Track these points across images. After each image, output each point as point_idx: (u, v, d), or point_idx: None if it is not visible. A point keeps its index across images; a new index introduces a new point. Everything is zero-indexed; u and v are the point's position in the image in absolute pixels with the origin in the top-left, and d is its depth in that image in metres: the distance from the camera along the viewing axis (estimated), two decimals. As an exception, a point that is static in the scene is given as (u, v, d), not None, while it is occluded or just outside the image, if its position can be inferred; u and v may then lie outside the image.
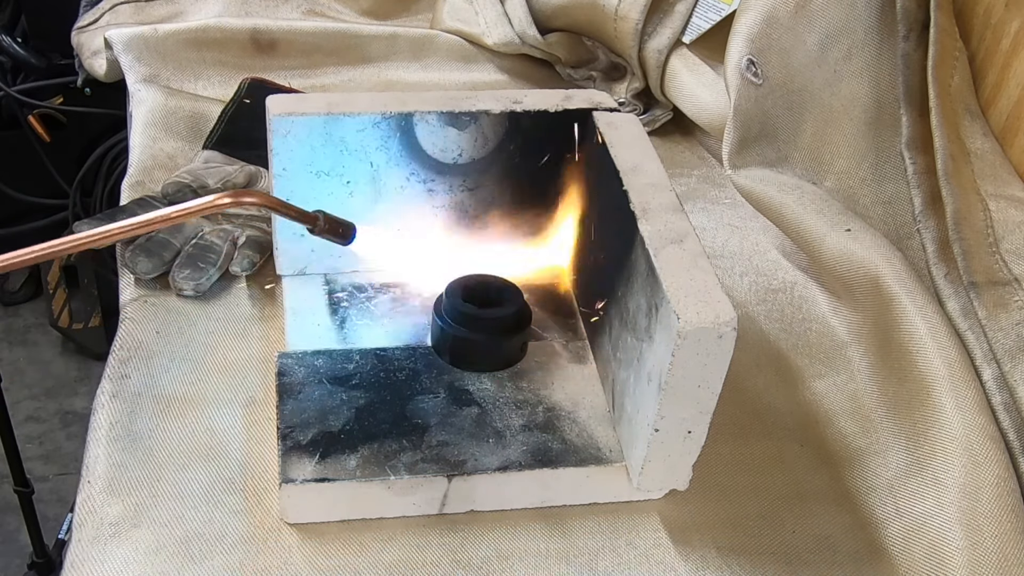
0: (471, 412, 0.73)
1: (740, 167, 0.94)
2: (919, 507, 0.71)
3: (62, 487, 1.76)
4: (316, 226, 0.75)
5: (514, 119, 0.80)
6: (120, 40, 1.14)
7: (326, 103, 0.79)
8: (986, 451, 0.70)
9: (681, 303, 0.61)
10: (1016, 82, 0.88)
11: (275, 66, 1.16)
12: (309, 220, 0.75)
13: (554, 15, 1.18)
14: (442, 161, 0.81)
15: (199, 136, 1.02)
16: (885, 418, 0.78)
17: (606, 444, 0.71)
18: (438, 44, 1.23)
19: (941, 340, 0.76)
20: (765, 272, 0.94)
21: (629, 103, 1.16)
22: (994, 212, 0.84)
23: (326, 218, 0.76)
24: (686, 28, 1.09)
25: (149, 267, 0.84)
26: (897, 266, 0.82)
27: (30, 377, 1.97)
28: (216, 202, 0.69)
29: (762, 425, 0.80)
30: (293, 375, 0.74)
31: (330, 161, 0.79)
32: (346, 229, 0.78)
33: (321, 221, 0.76)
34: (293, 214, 0.74)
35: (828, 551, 0.71)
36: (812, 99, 0.93)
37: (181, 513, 0.68)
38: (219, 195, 0.70)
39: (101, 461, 0.70)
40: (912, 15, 0.88)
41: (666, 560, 0.69)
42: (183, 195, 0.89)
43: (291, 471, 0.67)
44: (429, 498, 0.69)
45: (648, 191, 0.71)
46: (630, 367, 0.68)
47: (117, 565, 0.64)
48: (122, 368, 0.77)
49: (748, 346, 0.85)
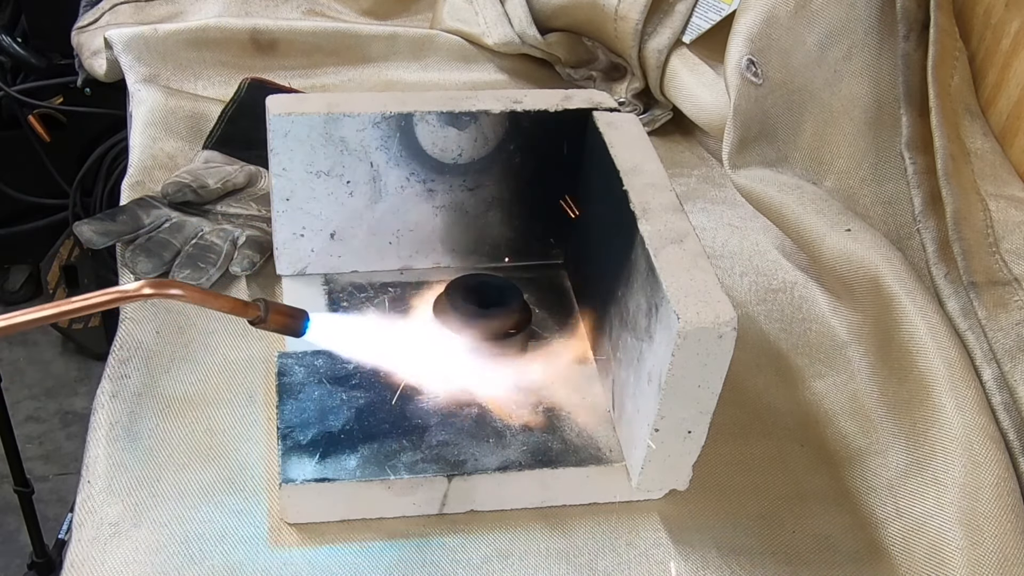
0: (471, 412, 0.73)
1: (740, 167, 0.94)
2: (919, 507, 0.71)
3: (62, 487, 1.76)
4: (256, 318, 0.64)
5: (514, 119, 0.80)
6: (120, 40, 1.14)
7: (326, 103, 0.78)
8: (986, 451, 0.70)
9: (681, 303, 0.61)
10: (1016, 82, 0.88)
11: (275, 66, 1.16)
12: (249, 312, 0.64)
13: (554, 15, 1.18)
14: (442, 161, 0.81)
15: (199, 136, 1.02)
16: (885, 418, 0.78)
17: (606, 444, 0.71)
18: (438, 44, 1.23)
19: (941, 340, 0.76)
20: (765, 272, 0.94)
21: (629, 103, 1.16)
22: (994, 212, 0.84)
23: (269, 306, 0.65)
24: (686, 28, 1.09)
25: (149, 267, 0.84)
26: (897, 266, 0.82)
27: (30, 377, 1.97)
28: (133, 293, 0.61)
29: (762, 425, 0.79)
30: (293, 375, 0.74)
31: (330, 161, 0.79)
32: (296, 320, 0.66)
33: (263, 311, 0.64)
34: (226, 307, 0.64)
35: (828, 551, 0.71)
36: (812, 99, 0.92)
37: (181, 513, 0.68)
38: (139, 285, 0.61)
39: (101, 461, 0.70)
40: (912, 15, 0.88)
41: (666, 560, 0.69)
42: (183, 195, 0.89)
43: (291, 471, 0.67)
44: (429, 498, 0.69)
45: (648, 191, 0.71)
46: (630, 367, 0.68)
47: (117, 565, 0.64)
48: (122, 368, 0.77)
49: (748, 346, 0.85)
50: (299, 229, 0.82)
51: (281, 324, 0.65)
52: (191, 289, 0.63)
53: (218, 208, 0.91)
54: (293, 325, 0.66)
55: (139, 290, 0.60)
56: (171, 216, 0.88)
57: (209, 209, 0.91)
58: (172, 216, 0.88)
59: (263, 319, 0.64)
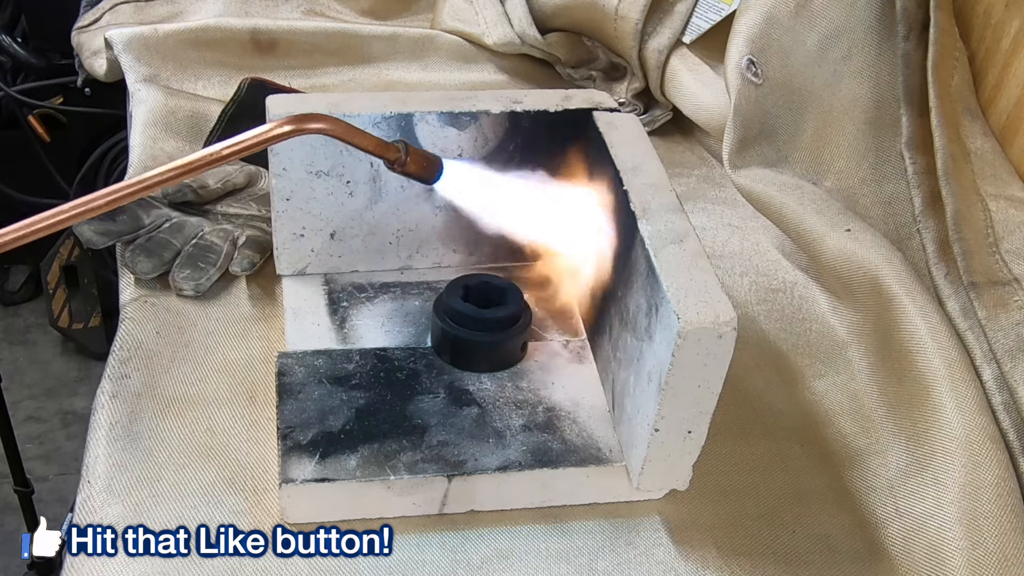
0: (471, 412, 0.73)
1: (740, 167, 0.94)
2: (919, 507, 0.71)
3: (62, 487, 1.76)
4: (396, 160, 0.64)
5: (514, 119, 0.80)
6: (120, 40, 1.14)
7: (326, 103, 0.79)
8: (986, 451, 0.70)
9: (681, 303, 0.61)
10: (1016, 82, 0.88)
11: (275, 66, 1.16)
12: (389, 152, 0.64)
13: (554, 15, 1.18)
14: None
15: (199, 136, 1.02)
16: (885, 418, 0.78)
17: (606, 444, 0.71)
18: (438, 44, 1.23)
19: (941, 340, 0.76)
20: (765, 272, 0.94)
21: (629, 103, 1.16)
22: (994, 212, 0.84)
23: (409, 149, 0.64)
24: (686, 28, 1.09)
25: (149, 267, 0.84)
26: (897, 266, 0.82)
27: (30, 377, 1.97)
28: (274, 131, 0.61)
29: (762, 425, 0.79)
30: (293, 375, 0.74)
31: (330, 161, 0.79)
32: (432, 165, 0.65)
33: (403, 153, 0.64)
34: (368, 145, 0.63)
35: (828, 551, 0.71)
36: (812, 99, 0.93)
37: (181, 513, 0.68)
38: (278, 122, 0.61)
39: (101, 461, 0.70)
40: (912, 15, 0.88)
41: (666, 560, 0.69)
42: (183, 195, 0.89)
43: (291, 471, 0.67)
44: (429, 498, 0.69)
45: (648, 191, 0.71)
46: (630, 367, 0.68)
47: (117, 566, 0.64)
48: (122, 368, 0.77)
49: (748, 346, 0.85)
50: (299, 229, 0.82)
51: (418, 168, 0.65)
52: (335, 121, 0.62)
53: (218, 208, 0.91)
54: (429, 169, 0.65)
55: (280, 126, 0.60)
56: (171, 216, 0.88)
57: (209, 209, 0.91)
58: (172, 216, 0.88)
59: (403, 161, 0.64)
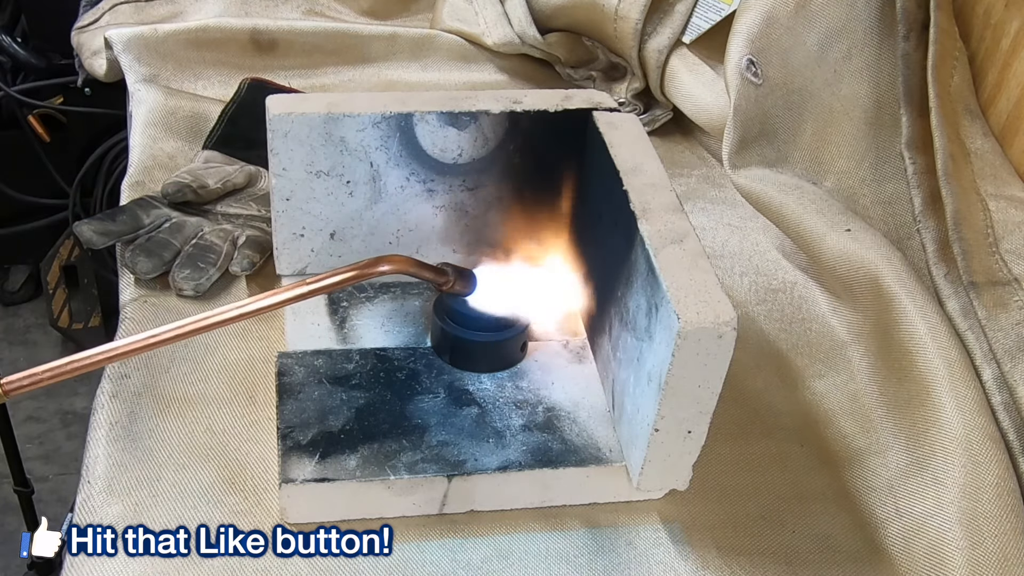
0: (471, 412, 0.73)
1: (740, 167, 0.94)
2: (919, 507, 0.71)
3: (62, 487, 1.76)
4: (444, 283, 0.73)
5: (514, 119, 0.80)
6: (120, 40, 1.14)
7: (326, 103, 0.78)
8: (986, 451, 0.70)
9: (681, 303, 0.61)
10: (1016, 82, 0.88)
11: (275, 66, 1.16)
12: (441, 277, 0.73)
13: (554, 15, 1.18)
14: (442, 161, 0.81)
15: (199, 136, 1.02)
16: (885, 418, 0.78)
17: (606, 444, 0.71)
18: (438, 44, 1.23)
19: (941, 340, 0.76)
20: (765, 272, 0.94)
21: (629, 103, 1.16)
22: (994, 212, 0.84)
23: (453, 270, 0.74)
24: (686, 28, 1.09)
25: (149, 267, 0.84)
26: (897, 266, 0.82)
27: (30, 377, 1.97)
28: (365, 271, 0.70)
29: (762, 425, 0.80)
30: (293, 375, 0.74)
31: (330, 161, 0.79)
32: (470, 281, 0.75)
33: (451, 276, 0.73)
34: (429, 276, 0.73)
35: (828, 551, 0.71)
36: (812, 99, 0.93)
37: (181, 513, 0.68)
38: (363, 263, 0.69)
39: (101, 461, 0.70)
40: (912, 15, 0.88)
41: (666, 560, 0.69)
42: (183, 195, 0.89)
43: (291, 471, 0.67)
44: (429, 498, 0.69)
45: (648, 191, 0.71)
46: (630, 367, 0.68)
47: (117, 566, 0.64)
48: (122, 368, 0.77)
49: (748, 346, 0.85)
50: (299, 229, 0.82)
51: (462, 287, 0.74)
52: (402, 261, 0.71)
53: (218, 208, 0.91)
54: (469, 284, 0.75)
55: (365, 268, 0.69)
56: (171, 216, 0.88)
57: (209, 209, 0.91)
58: (172, 216, 0.88)
59: (451, 283, 0.73)
